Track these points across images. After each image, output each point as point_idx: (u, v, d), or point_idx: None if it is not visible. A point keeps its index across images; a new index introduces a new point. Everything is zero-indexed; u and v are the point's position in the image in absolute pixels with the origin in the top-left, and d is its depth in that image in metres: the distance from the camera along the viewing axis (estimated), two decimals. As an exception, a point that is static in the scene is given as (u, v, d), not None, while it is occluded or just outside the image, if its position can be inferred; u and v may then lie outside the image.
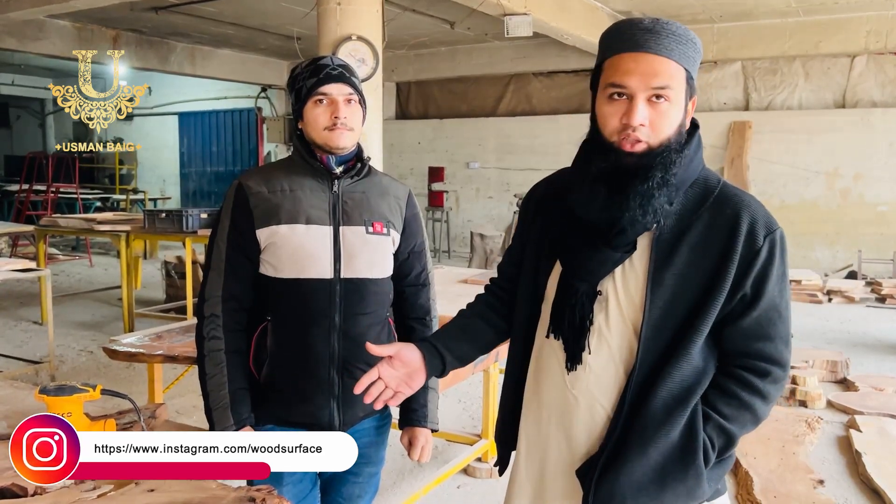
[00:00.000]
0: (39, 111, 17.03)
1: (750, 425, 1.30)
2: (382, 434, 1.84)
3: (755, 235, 1.24)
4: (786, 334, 1.29)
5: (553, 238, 1.37)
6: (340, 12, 5.25)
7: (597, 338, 1.29)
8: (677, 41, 1.21)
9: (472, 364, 2.74)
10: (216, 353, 1.65)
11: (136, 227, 6.46)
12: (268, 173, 1.72)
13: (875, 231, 9.16)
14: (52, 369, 4.97)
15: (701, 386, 1.27)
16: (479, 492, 3.32)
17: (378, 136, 5.49)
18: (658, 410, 1.25)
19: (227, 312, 1.66)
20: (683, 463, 1.25)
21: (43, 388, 1.69)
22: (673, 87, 1.20)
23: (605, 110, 1.23)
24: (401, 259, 1.79)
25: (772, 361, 1.28)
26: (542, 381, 1.39)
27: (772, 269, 1.25)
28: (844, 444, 3.84)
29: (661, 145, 1.21)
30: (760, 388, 1.27)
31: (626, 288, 1.27)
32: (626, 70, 1.20)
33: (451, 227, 11.49)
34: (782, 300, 1.28)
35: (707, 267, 1.24)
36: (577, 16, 7.95)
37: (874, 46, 8.50)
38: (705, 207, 1.27)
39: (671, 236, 1.25)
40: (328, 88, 1.64)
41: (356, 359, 1.68)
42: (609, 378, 1.29)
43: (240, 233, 1.67)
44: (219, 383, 1.63)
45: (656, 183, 1.21)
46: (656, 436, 1.24)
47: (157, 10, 8.61)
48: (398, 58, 11.18)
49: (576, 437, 1.33)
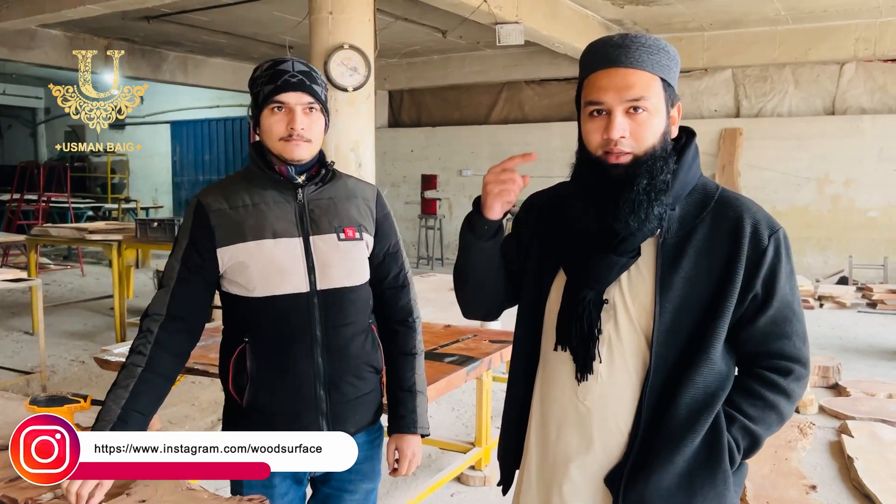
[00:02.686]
0: (31, 120, 16.99)
1: (775, 425, 1.30)
2: (376, 447, 1.78)
3: (760, 236, 1.26)
4: (802, 331, 1.30)
5: (556, 248, 1.37)
6: (332, 21, 5.26)
7: (607, 346, 1.29)
8: (648, 52, 1.23)
9: (465, 371, 2.75)
10: (133, 367, 1.53)
11: (128, 236, 6.44)
12: (227, 188, 1.63)
13: (865, 236, 9.21)
14: (44, 379, 4.94)
15: (724, 390, 1.27)
16: (473, 500, 3.32)
17: (371, 145, 5.49)
18: (682, 416, 1.24)
19: (167, 332, 1.56)
20: (710, 467, 1.25)
21: (34, 399, 1.69)
22: (648, 97, 1.23)
23: (588, 127, 1.27)
24: (376, 262, 1.72)
25: (792, 359, 1.29)
26: (549, 394, 1.37)
27: (780, 267, 1.27)
28: (836, 449, 3.86)
29: (645, 154, 1.23)
30: (784, 386, 1.28)
31: (633, 295, 1.28)
32: (600, 87, 1.24)
33: (444, 234, 11.50)
34: (794, 298, 1.29)
35: (715, 269, 1.25)
36: (569, 24, 7.99)
37: (863, 54, 8.56)
38: (707, 212, 1.28)
39: (676, 241, 1.27)
40: (285, 97, 1.55)
41: (342, 373, 1.63)
42: (623, 386, 1.29)
43: (198, 253, 1.59)
44: (118, 397, 1.50)
45: (643, 189, 1.22)
46: (682, 442, 1.24)
47: (149, 19, 8.60)
48: (391, 66, 11.20)
49: (590, 448, 1.31)
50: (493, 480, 3.44)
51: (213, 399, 4.52)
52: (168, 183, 15.32)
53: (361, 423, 1.71)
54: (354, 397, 1.67)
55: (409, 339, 1.78)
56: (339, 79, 5.21)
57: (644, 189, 1.22)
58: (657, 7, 7.98)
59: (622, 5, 8.00)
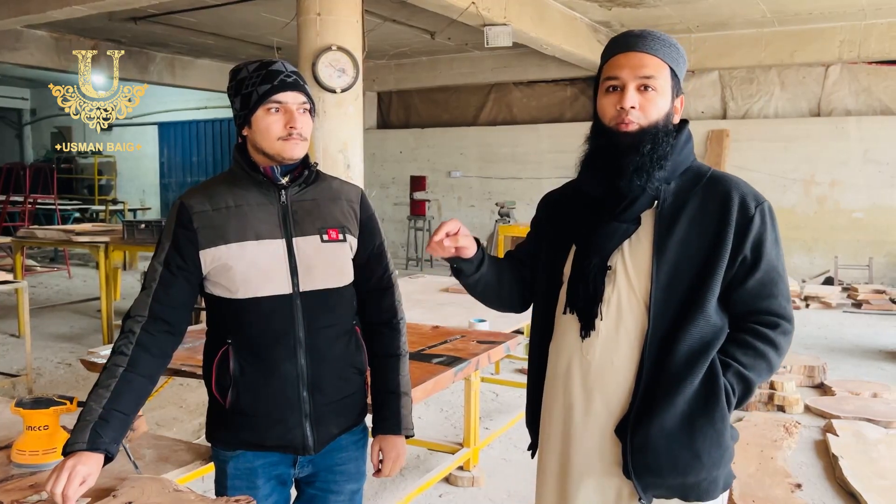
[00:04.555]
0: (17, 121, 16.86)
1: (765, 373, 1.44)
2: (361, 448, 1.79)
3: (747, 206, 1.42)
4: (786, 292, 1.46)
5: (568, 227, 1.55)
6: (320, 22, 5.25)
7: (608, 306, 1.45)
8: (662, 44, 1.45)
9: (453, 372, 2.76)
10: (115, 367, 1.52)
11: (115, 238, 6.41)
12: (210, 190, 1.63)
13: (851, 237, 9.29)
14: (30, 382, 4.91)
15: (719, 340, 1.42)
16: (462, 500, 3.32)
17: (359, 146, 5.49)
18: (680, 365, 1.38)
19: (149, 333, 1.56)
20: (708, 407, 1.39)
21: (19, 402, 1.69)
22: (658, 78, 1.42)
23: (603, 101, 1.46)
24: (360, 264, 1.71)
25: (779, 315, 1.44)
26: (560, 354, 1.53)
27: (766, 233, 1.42)
28: (822, 447, 3.89)
29: (650, 126, 1.42)
30: (773, 338, 1.43)
31: (633, 260, 1.44)
32: (618, 65, 1.44)
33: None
34: (779, 262, 1.45)
35: (706, 234, 1.41)
36: (557, 26, 8.02)
37: (847, 56, 8.64)
38: (699, 187, 1.45)
39: (670, 211, 1.43)
40: (283, 97, 1.55)
41: (326, 374, 1.64)
42: (623, 341, 1.44)
43: (180, 255, 1.58)
44: (99, 397, 1.49)
45: (647, 152, 1.40)
46: (680, 386, 1.38)
47: (136, 20, 8.56)
48: (379, 67, 11.20)
49: (593, 399, 1.46)
50: (481, 481, 3.45)
51: (201, 401, 4.50)
52: (156, 185, 15.25)
53: (345, 424, 1.71)
54: (338, 398, 1.67)
55: (394, 341, 1.78)
56: (327, 80, 5.20)
57: (648, 152, 1.40)
58: (644, 9, 8.02)
59: (609, 7, 8.04)
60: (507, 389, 4.89)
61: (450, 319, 3.73)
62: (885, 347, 6.22)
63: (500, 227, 8.37)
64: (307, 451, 1.64)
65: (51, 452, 1.63)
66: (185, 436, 3.98)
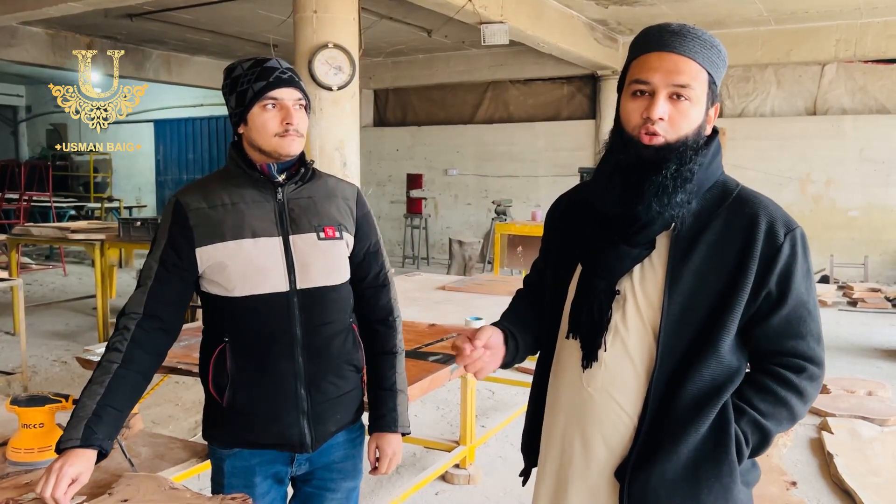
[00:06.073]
0: (12, 118, 16.79)
1: (786, 423, 1.29)
2: (357, 446, 1.79)
3: (775, 233, 1.24)
4: (817, 332, 1.29)
5: (576, 242, 1.39)
6: (317, 20, 5.24)
7: (613, 336, 1.30)
8: (702, 45, 1.26)
9: (449, 369, 2.76)
10: (109, 364, 1.52)
11: (110, 235, 6.40)
12: (206, 187, 1.62)
13: (846, 236, 9.32)
14: (25, 380, 4.90)
15: (733, 384, 1.27)
16: (457, 498, 3.33)
17: (356, 144, 5.49)
18: (687, 407, 1.24)
19: (143, 330, 1.55)
20: (716, 459, 1.24)
21: (14, 399, 1.68)
22: (694, 86, 1.24)
23: (629, 107, 1.27)
24: (357, 261, 1.71)
25: (806, 358, 1.27)
26: (560, 382, 1.40)
27: (795, 265, 1.25)
28: (817, 445, 3.90)
29: (678, 141, 1.24)
30: (796, 383, 1.27)
31: (643, 287, 1.28)
32: (650, 67, 1.25)
33: (429, 233, 11.50)
34: (810, 298, 1.28)
35: (727, 264, 1.24)
36: (553, 24, 8.01)
37: (843, 55, 8.66)
38: (723, 208, 1.28)
39: (689, 234, 1.27)
40: (279, 93, 1.55)
41: (323, 372, 1.63)
42: (626, 376, 1.29)
43: (176, 252, 1.58)
44: (93, 393, 1.49)
45: (671, 174, 1.23)
46: (686, 432, 1.24)
47: (132, 16, 8.54)
48: (376, 65, 11.19)
49: (592, 436, 1.33)
50: (477, 479, 3.45)
51: (197, 399, 4.50)
52: (151, 182, 15.20)
53: (342, 422, 1.71)
54: (335, 396, 1.67)
55: (390, 338, 1.78)
56: (323, 78, 5.20)
57: (672, 174, 1.23)
58: (641, 7, 8.02)
59: (606, 6, 8.04)
60: (503, 387, 4.90)
61: (446, 317, 3.73)
62: (880, 346, 6.24)
63: (497, 224, 8.36)
64: (304, 449, 1.64)
65: (46, 450, 1.63)
66: (182, 434, 3.98)
